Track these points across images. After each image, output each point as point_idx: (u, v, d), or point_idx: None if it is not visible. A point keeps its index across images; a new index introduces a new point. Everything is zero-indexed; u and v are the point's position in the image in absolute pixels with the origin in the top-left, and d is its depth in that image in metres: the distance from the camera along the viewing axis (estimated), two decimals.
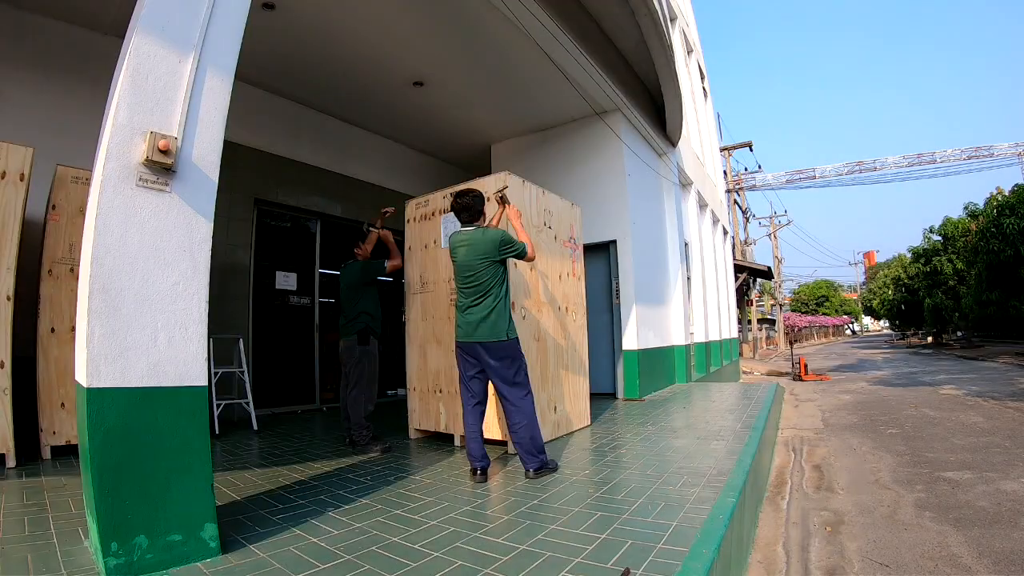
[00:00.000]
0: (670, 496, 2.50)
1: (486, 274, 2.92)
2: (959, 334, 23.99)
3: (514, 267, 3.63)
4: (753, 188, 27.82)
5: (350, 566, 1.81)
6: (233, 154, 4.30)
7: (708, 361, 9.74)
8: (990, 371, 11.54)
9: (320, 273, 6.50)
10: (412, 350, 4.24)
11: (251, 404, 4.76)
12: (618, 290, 6.39)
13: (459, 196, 3.08)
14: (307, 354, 6.29)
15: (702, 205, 10.73)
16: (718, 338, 11.06)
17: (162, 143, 1.81)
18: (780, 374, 13.81)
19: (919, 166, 31.11)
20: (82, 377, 1.73)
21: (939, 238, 22.51)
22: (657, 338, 6.99)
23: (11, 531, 2.09)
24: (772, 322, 34.45)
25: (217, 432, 4.43)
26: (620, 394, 6.24)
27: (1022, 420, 5.76)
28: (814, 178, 32.50)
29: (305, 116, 6.32)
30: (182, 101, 1.92)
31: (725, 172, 21.59)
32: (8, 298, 3.08)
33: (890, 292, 27.60)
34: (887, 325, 41.94)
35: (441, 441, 4.01)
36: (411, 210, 4.41)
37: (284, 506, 2.48)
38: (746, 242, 24.54)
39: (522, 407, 2.91)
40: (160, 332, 1.83)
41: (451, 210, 3.18)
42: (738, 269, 17.55)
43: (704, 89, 12.38)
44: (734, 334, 13.64)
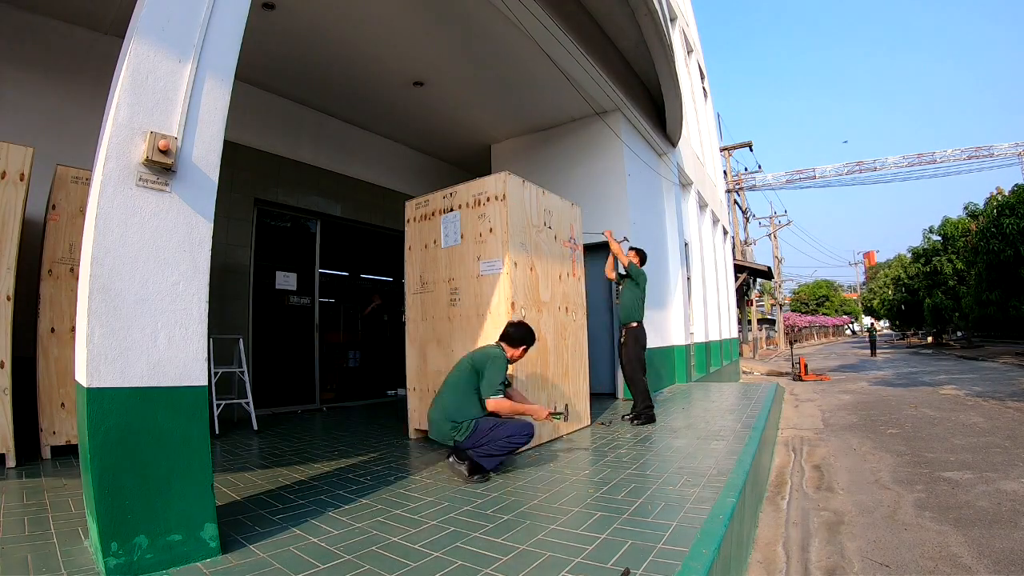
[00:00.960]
0: (670, 496, 2.50)
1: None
2: (959, 334, 23.99)
3: (514, 267, 3.63)
4: (753, 188, 27.83)
5: (350, 566, 1.81)
6: (233, 154, 4.32)
7: (708, 361, 9.74)
8: (990, 371, 11.54)
9: (320, 273, 6.49)
10: (412, 350, 4.24)
11: (251, 404, 4.76)
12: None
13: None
14: (307, 354, 6.29)
15: (702, 205, 10.73)
16: (718, 338, 11.06)
17: (162, 143, 1.81)
18: (780, 374, 13.81)
19: (919, 166, 31.11)
20: (82, 377, 1.73)
21: (939, 238, 22.53)
22: (657, 338, 6.99)
23: (11, 531, 2.09)
24: (772, 322, 34.46)
25: (217, 432, 4.43)
26: (620, 394, 6.24)
27: (1022, 420, 5.76)
28: (814, 178, 32.50)
29: (305, 116, 6.32)
30: (182, 101, 1.92)
31: (725, 172, 21.59)
32: (8, 298, 3.08)
33: (890, 292, 27.62)
34: (887, 325, 41.93)
35: None
36: (411, 210, 4.41)
37: (284, 506, 2.48)
38: (746, 242, 24.55)
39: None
40: (160, 332, 1.83)
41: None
42: (738, 269, 17.56)
43: (704, 89, 12.38)
44: (734, 334, 13.64)
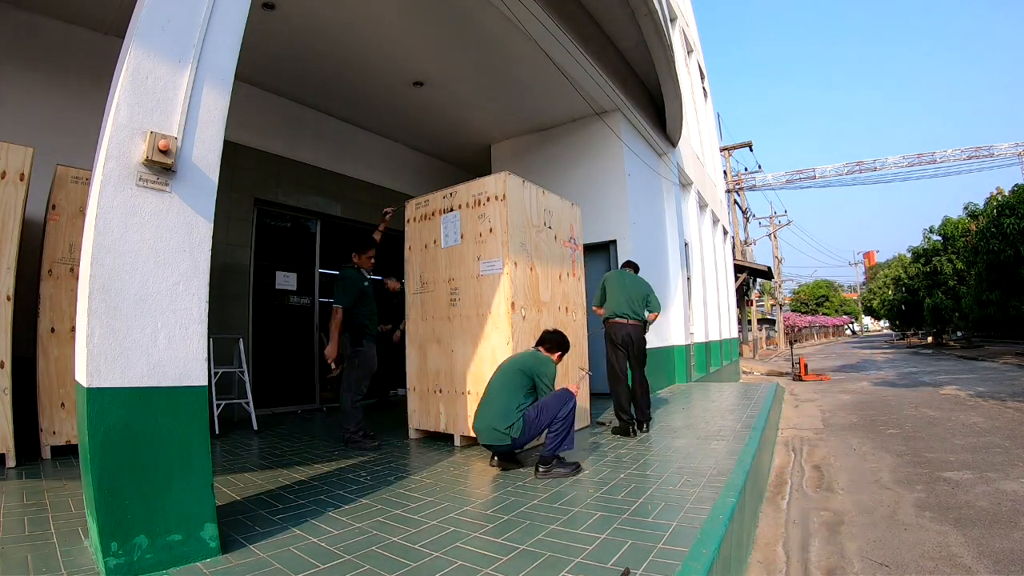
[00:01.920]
0: (670, 496, 2.50)
1: None
2: (959, 334, 23.99)
3: (514, 267, 3.63)
4: (753, 188, 27.82)
5: (350, 566, 1.81)
6: (233, 154, 4.32)
7: (708, 361, 9.74)
8: (990, 371, 11.54)
9: (320, 273, 6.49)
10: (412, 350, 4.24)
11: (251, 404, 4.76)
12: None
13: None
14: (307, 354, 6.29)
15: (702, 205, 10.73)
16: (718, 338, 11.06)
17: (162, 143, 1.81)
18: (780, 374, 13.81)
19: (919, 166, 31.11)
20: (82, 377, 1.73)
21: (939, 238, 22.51)
22: (657, 338, 6.99)
23: (11, 531, 2.09)
24: (772, 322, 34.46)
25: (217, 432, 4.43)
26: None
27: (1022, 420, 5.76)
28: (814, 178, 32.50)
29: (305, 116, 6.32)
30: (182, 101, 1.92)
31: (725, 172, 21.59)
32: (8, 298, 3.07)
33: (890, 292, 27.61)
34: (887, 325, 41.94)
35: (441, 441, 4.01)
36: (411, 210, 4.41)
37: (284, 506, 2.48)
38: (746, 242, 24.54)
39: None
40: (160, 332, 1.83)
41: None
42: (738, 269, 17.55)
43: (704, 89, 12.38)
44: (734, 334, 13.64)
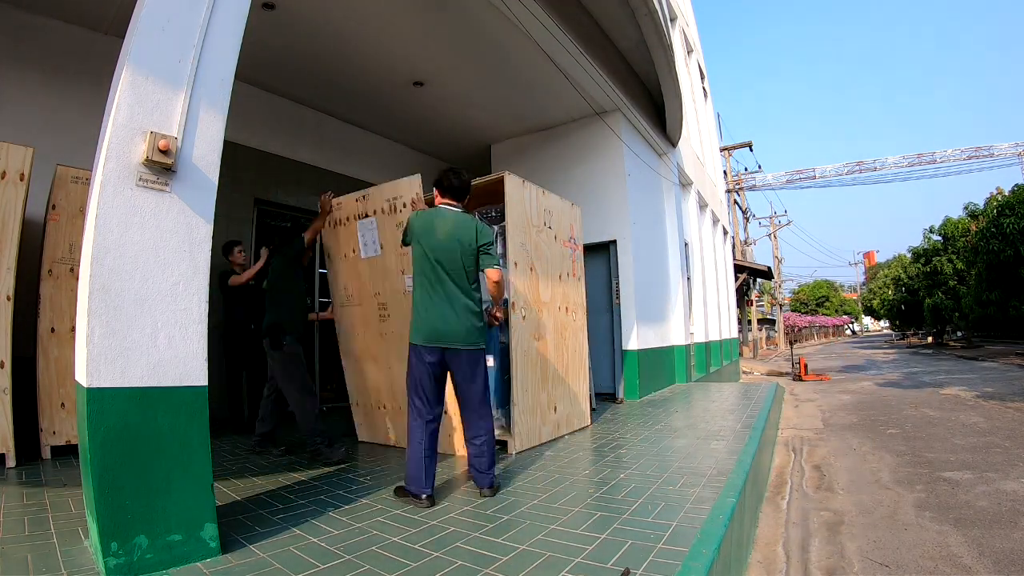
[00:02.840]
0: (670, 496, 2.50)
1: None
2: (959, 334, 23.99)
3: (514, 267, 3.63)
4: (753, 188, 27.85)
5: (350, 566, 1.81)
6: (233, 154, 4.31)
7: (708, 361, 9.74)
8: (990, 371, 11.54)
9: (320, 273, 6.49)
10: (348, 364, 4.18)
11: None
12: (618, 290, 6.39)
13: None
14: (307, 354, 6.26)
15: (702, 205, 10.73)
16: (718, 338, 11.06)
17: (162, 143, 1.81)
18: (780, 374, 13.81)
19: (919, 166, 31.14)
20: (82, 377, 1.73)
21: (939, 238, 22.52)
22: (657, 338, 6.99)
23: (11, 531, 2.09)
24: (772, 322, 34.45)
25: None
26: (620, 394, 6.24)
27: (1022, 420, 5.76)
28: (814, 178, 32.53)
29: (305, 116, 6.31)
30: (182, 101, 1.92)
31: (725, 172, 21.59)
32: (8, 298, 3.08)
33: (890, 292, 27.61)
34: (887, 325, 41.94)
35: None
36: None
37: (284, 506, 2.48)
38: (746, 242, 24.55)
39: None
40: (160, 332, 1.83)
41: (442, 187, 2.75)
42: (738, 269, 17.55)
43: (704, 89, 12.38)
44: (734, 334, 13.64)
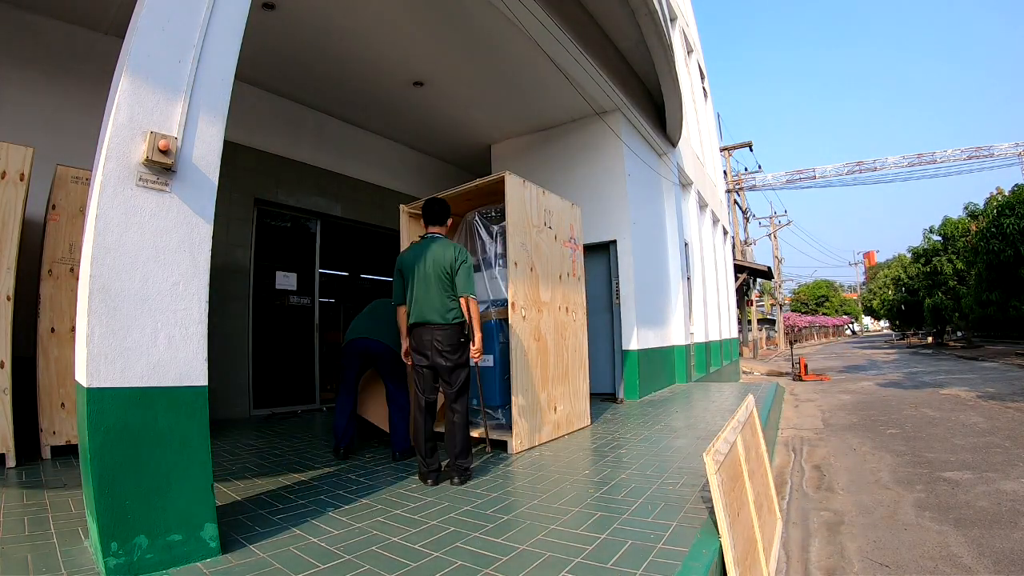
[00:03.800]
0: (670, 496, 2.50)
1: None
2: (959, 334, 23.99)
3: (514, 267, 3.63)
4: (753, 188, 27.84)
5: (350, 566, 1.81)
6: (233, 154, 4.32)
7: (708, 361, 9.74)
8: (990, 371, 11.54)
9: (320, 273, 6.50)
10: None
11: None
12: (618, 290, 6.39)
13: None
14: (307, 354, 6.29)
15: (702, 205, 10.73)
16: (718, 338, 11.06)
17: (162, 143, 1.81)
18: (780, 374, 13.81)
19: (919, 166, 31.12)
20: (82, 377, 1.73)
21: (939, 238, 22.52)
22: (657, 338, 6.99)
23: (11, 531, 2.09)
24: (772, 322, 34.46)
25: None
26: (620, 394, 6.24)
27: (1022, 420, 5.76)
28: (814, 178, 32.51)
29: (305, 116, 6.31)
30: (182, 101, 1.92)
31: (725, 172, 21.59)
32: (8, 298, 3.08)
33: (890, 292, 27.60)
34: (887, 325, 41.94)
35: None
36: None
37: (284, 506, 2.48)
38: (746, 242, 24.54)
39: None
40: (160, 332, 1.83)
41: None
42: (738, 269, 17.55)
43: (704, 89, 12.38)
44: (734, 334, 13.64)
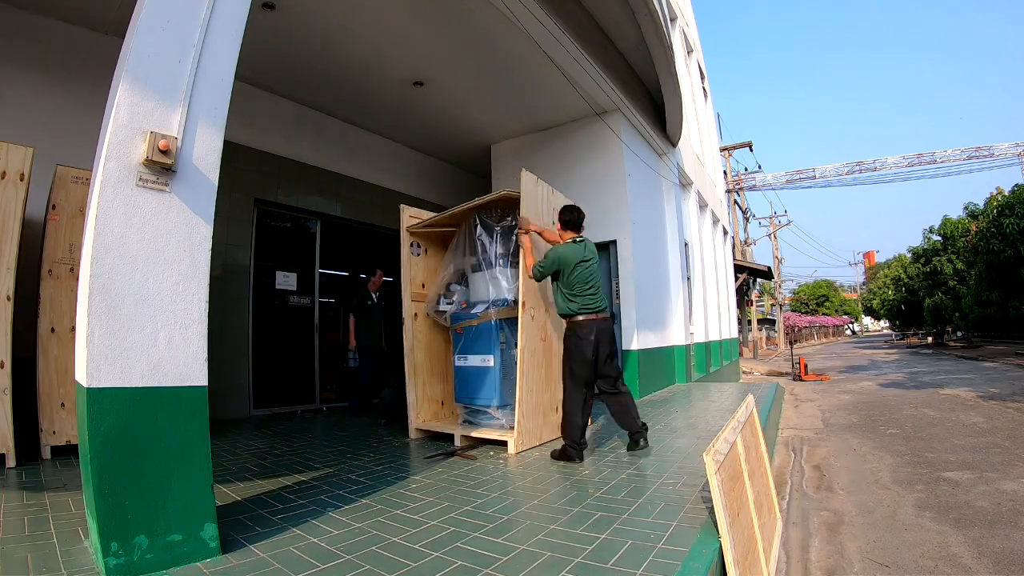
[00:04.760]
0: (670, 496, 2.50)
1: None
2: (959, 334, 23.98)
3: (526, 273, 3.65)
4: (753, 188, 27.84)
5: (350, 566, 1.81)
6: (233, 154, 4.32)
7: (708, 361, 9.73)
8: (990, 371, 11.54)
9: (320, 273, 6.50)
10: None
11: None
12: (618, 290, 6.39)
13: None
14: (307, 354, 6.29)
15: (702, 205, 10.73)
16: (718, 338, 11.05)
17: (162, 143, 1.81)
18: (780, 374, 13.81)
19: (919, 166, 31.10)
20: (82, 377, 1.73)
21: (939, 238, 22.52)
22: (657, 338, 6.99)
23: (11, 531, 2.09)
24: (772, 322, 34.45)
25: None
26: None
27: (1022, 420, 5.75)
28: (814, 178, 32.49)
29: (305, 116, 6.32)
30: (182, 101, 1.92)
31: (725, 172, 21.59)
32: (8, 298, 3.08)
33: (890, 292, 27.59)
34: (887, 325, 41.93)
35: (442, 441, 4.01)
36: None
37: (284, 506, 2.48)
38: (746, 242, 24.54)
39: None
40: (160, 332, 1.83)
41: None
42: (738, 269, 17.55)
43: (704, 89, 12.38)
44: (734, 334, 13.63)
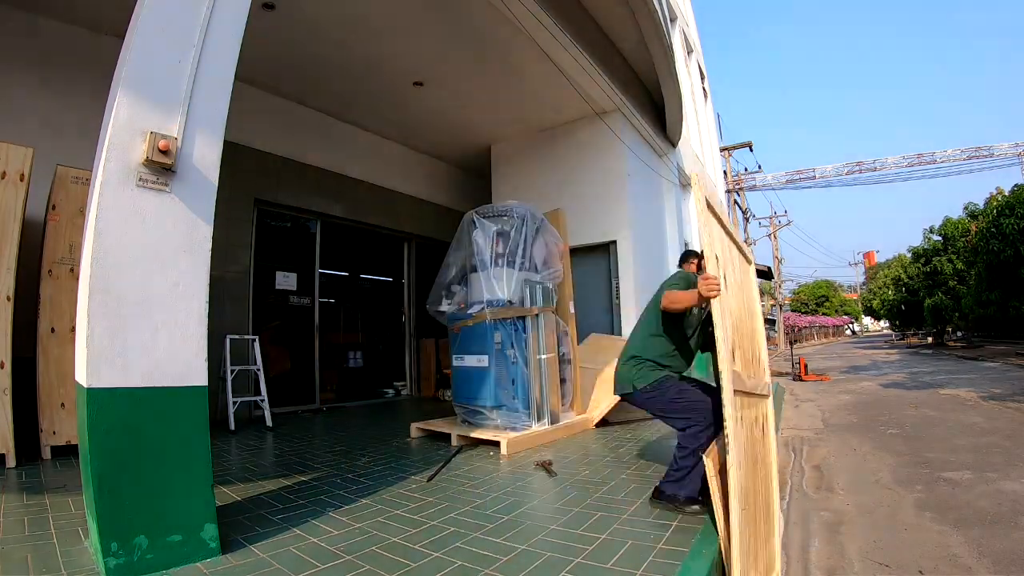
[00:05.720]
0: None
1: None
2: (959, 334, 23.97)
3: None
4: (753, 188, 27.84)
5: (350, 566, 1.81)
6: (233, 154, 4.31)
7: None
8: (990, 371, 11.53)
9: (320, 273, 6.49)
10: None
11: (266, 401, 4.93)
12: (618, 290, 6.39)
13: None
14: (307, 354, 6.29)
15: None
16: None
17: (162, 143, 1.81)
18: (780, 374, 13.81)
19: (919, 166, 31.08)
20: (82, 377, 1.73)
21: (939, 238, 22.50)
22: None
23: (11, 531, 2.09)
24: (772, 322, 34.43)
25: (233, 428, 4.57)
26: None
27: (1022, 420, 5.75)
28: (814, 178, 32.47)
29: (305, 116, 6.32)
30: (182, 101, 1.92)
31: (725, 172, 21.59)
32: (8, 298, 3.08)
33: (890, 292, 27.58)
34: (887, 325, 41.92)
35: (441, 441, 4.01)
36: None
37: (284, 506, 2.48)
38: (746, 242, 24.54)
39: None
40: (160, 332, 1.83)
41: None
42: None
43: (704, 89, 12.38)
44: None
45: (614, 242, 6.43)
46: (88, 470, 1.72)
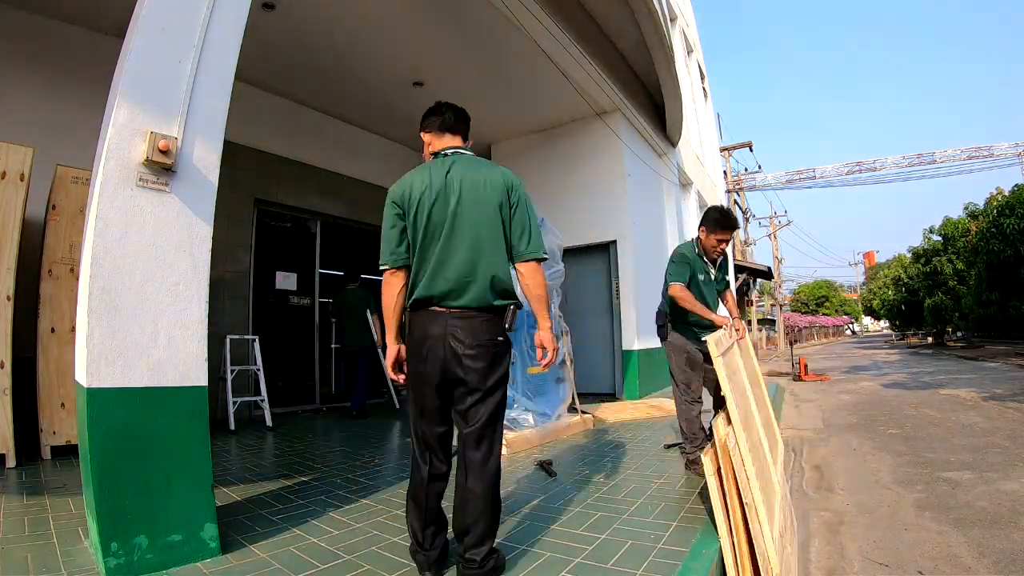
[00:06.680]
0: (670, 496, 2.50)
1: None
2: (959, 334, 23.97)
3: None
4: (753, 188, 27.81)
5: (350, 566, 1.81)
6: (233, 154, 4.32)
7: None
8: (990, 371, 11.53)
9: (320, 273, 6.49)
10: None
11: (266, 401, 4.94)
12: (618, 290, 6.39)
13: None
14: (307, 354, 6.28)
15: (702, 205, 10.73)
16: None
17: (162, 143, 1.81)
18: (780, 374, 13.80)
19: (919, 166, 31.08)
20: (82, 377, 1.73)
21: (939, 238, 22.50)
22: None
23: (11, 531, 2.09)
24: (772, 323, 34.42)
25: (232, 428, 4.59)
26: (620, 394, 6.24)
27: (1022, 420, 5.75)
28: (814, 178, 32.47)
29: (305, 116, 6.31)
30: (182, 101, 1.92)
31: (725, 172, 21.59)
32: (8, 298, 3.08)
33: (890, 292, 27.57)
34: (887, 325, 41.92)
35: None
36: None
37: (284, 506, 2.48)
38: (746, 242, 24.55)
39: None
40: (160, 332, 1.83)
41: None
42: (738, 269, 17.55)
43: (704, 89, 12.38)
44: None
45: (614, 242, 6.43)
46: (88, 470, 1.72)
